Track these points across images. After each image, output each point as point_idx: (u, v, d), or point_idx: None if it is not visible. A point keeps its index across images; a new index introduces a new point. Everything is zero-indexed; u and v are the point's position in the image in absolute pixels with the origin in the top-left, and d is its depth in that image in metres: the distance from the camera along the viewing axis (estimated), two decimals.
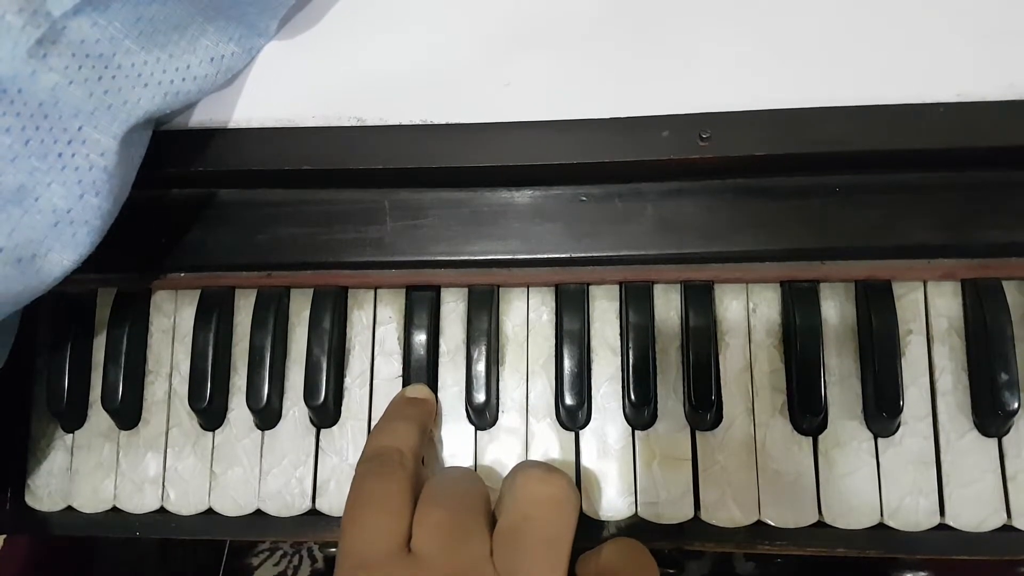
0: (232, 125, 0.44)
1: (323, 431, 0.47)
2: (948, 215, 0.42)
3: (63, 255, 0.38)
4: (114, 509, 0.49)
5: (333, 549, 0.83)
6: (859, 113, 0.41)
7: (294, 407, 0.47)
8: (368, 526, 0.37)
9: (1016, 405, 0.41)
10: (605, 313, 0.46)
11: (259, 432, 0.48)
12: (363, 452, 0.42)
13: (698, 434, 0.44)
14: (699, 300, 0.45)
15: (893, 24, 0.42)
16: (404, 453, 0.40)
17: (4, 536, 0.62)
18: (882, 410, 0.42)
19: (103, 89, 0.37)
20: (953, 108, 0.41)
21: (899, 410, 0.42)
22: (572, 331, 0.45)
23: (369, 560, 0.36)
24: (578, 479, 0.45)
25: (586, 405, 0.45)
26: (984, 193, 0.42)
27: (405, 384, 0.46)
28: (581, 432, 0.45)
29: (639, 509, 0.44)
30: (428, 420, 0.45)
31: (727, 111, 0.41)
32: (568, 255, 0.44)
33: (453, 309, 0.47)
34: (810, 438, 0.44)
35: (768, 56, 0.43)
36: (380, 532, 0.37)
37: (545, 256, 0.44)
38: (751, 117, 0.41)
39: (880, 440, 0.43)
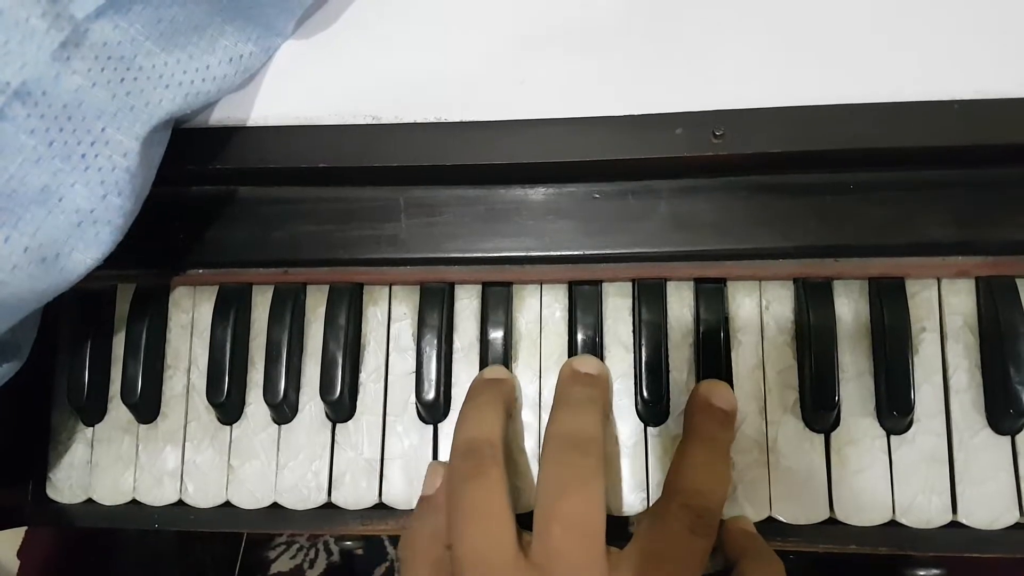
0: (250, 123, 0.45)
1: (339, 426, 0.48)
2: (963, 212, 0.42)
3: (86, 254, 0.38)
4: (133, 502, 0.49)
5: (349, 543, 0.83)
6: (873, 110, 0.41)
7: (310, 402, 0.48)
8: (480, 539, 0.39)
9: None
10: (618, 310, 0.46)
11: (276, 426, 0.48)
12: (455, 442, 0.43)
13: None
14: (712, 297, 0.45)
15: (908, 20, 0.42)
16: (494, 444, 0.41)
17: (26, 528, 0.63)
18: (894, 407, 0.42)
19: (125, 91, 0.38)
20: (969, 105, 0.40)
21: (911, 408, 0.42)
22: (585, 328, 0.45)
23: (490, 570, 0.38)
24: None
25: None
26: (999, 190, 0.42)
27: (419, 380, 0.46)
28: None
29: (651, 505, 0.44)
30: (510, 400, 0.45)
31: (740, 108, 0.41)
32: (581, 252, 0.44)
33: (467, 306, 0.48)
34: (822, 435, 0.44)
35: (781, 53, 0.43)
36: (493, 544, 0.39)
37: (559, 253, 0.44)
38: (764, 114, 0.41)
39: (893, 437, 0.43)
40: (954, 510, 0.42)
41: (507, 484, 0.41)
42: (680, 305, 0.46)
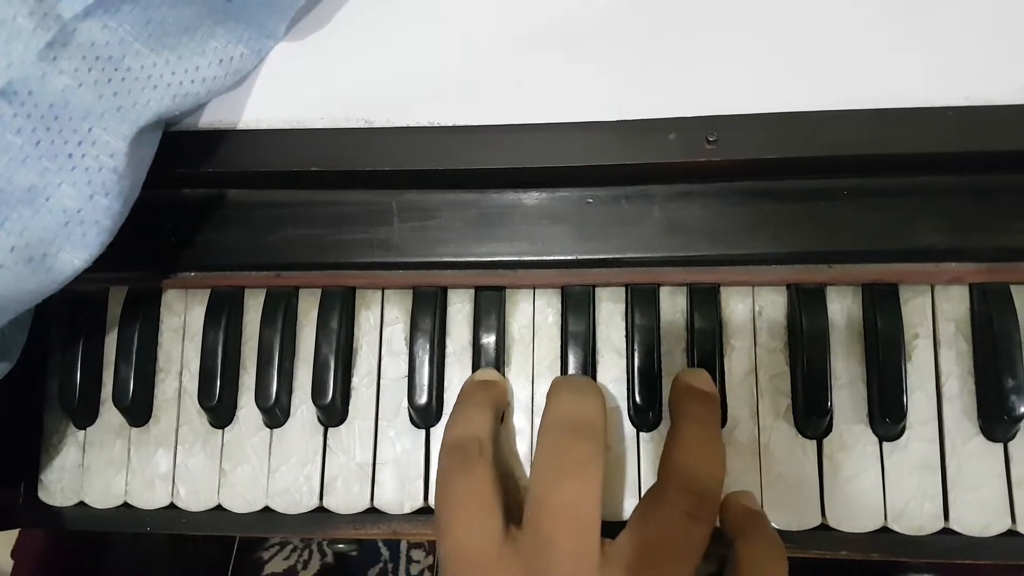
0: (241, 126, 0.45)
1: (331, 430, 0.48)
2: (956, 219, 0.42)
3: (73, 255, 0.38)
4: (125, 505, 0.49)
5: (342, 544, 0.83)
6: (867, 116, 0.41)
7: (302, 406, 0.48)
8: (463, 530, 0.38)
9: (1022, 410, 0.41)
10: (611, 316, 0.46)
11: (268, 430, 0.48)
12: (443, 441, 0.42)
13: None
14: (705, 303, 0.45)
15: (902, 27, 0.42)
16: (482, 441, 0.41)
17: (19, 530, 0.63)
18: (887, 414, 0.42)
19: (113, 91, 0.37)
20: (962, 111, 0.40)
21: (904, 414, 0.42)
22: (577, 333, 0.45)
23: (473, 562, 0.37)
24: None
25: None
26: (993, 197, 0.42)
27: (411, 384, 0.46)
28: None
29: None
30: (501, 402, 0.45)
31: (735, 114, 0.41)
32: (575, 257, 0.44)
33: (460, 310, 0.47)
34: (815, 441, 0.44)
35: (775, 59, 0.42)
36: (477, 533, 0.38)
37: (552, 258, 0.44)
38: (759, 120, 0.41)
39: (885, 444, 0.43)
40: (946, 517, 0.42)
41: (495, 480, 0.40)
42: (673, 310, 0.46)
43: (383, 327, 0.48)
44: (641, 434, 0.45)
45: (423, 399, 0.46)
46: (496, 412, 0.43)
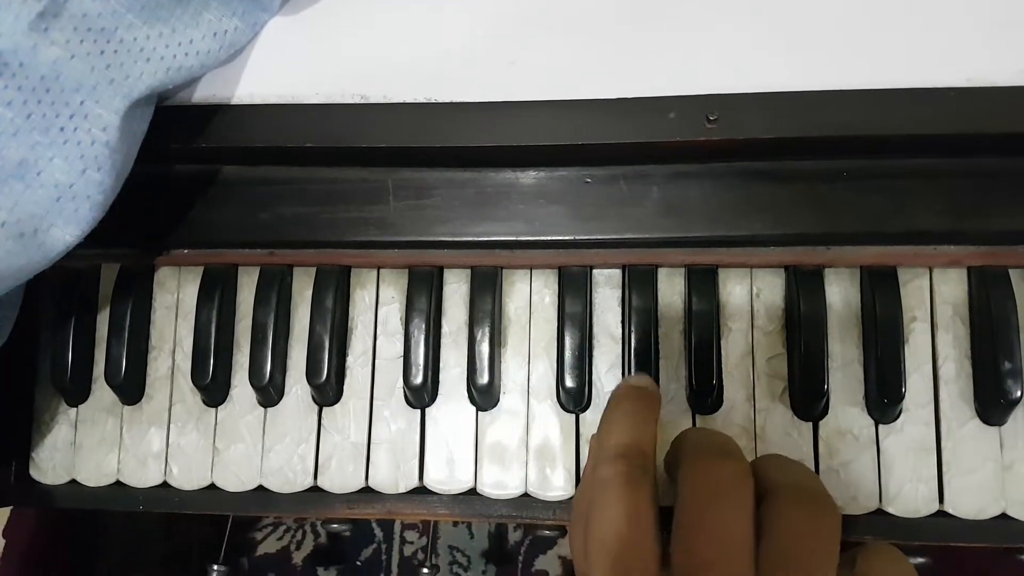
0: (235, 101, 0.44)
1: (325, 409, 0.47)
2: (956, 201, 0.42)
3: (65, 230, 0.38)
4: (117, 483, 0.49)
5: (336, 525, 0.83)
6: (868, 97, 0.40)
7: (296, 385, 0.48)
8: (627, 552, 0.34)
9: (1019, 394, 0.41)
10: (608, 298, 0.46)
11: (262, 409, 0.48)
12: (603, 448, 0.38)
13: (698, 418, 0.44)
14: (703, 284, 0.44)
15: (904, 7, 0.42)
16: (647, 455, 0.37)
17: (10, 508, 0.63)
18: (884, 396, 0.42)
19: (105, 63, 0.37)
20: (963, 93, 0.40)
21: (901, 396, 0.42)
22: (574, 314, 0.45)
23: None
24: (578, 462, 0.45)
25: (587, 388, 0.45)
26: (993, 180, 0.41)
27: (407, 365, 0.46)
28: (582, 415, 0.45)
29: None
30: (657, 413, 0.40)
31: (735, 93, 0.41)
32: (572, 237, 0.44)
33: (456, 290, 0.47)
34: (811, 424, 0.43)
35: (777, 38, 0.42)
36: (640, 558, 0.34)
37: (549, 238, 0.44)
38: (759, 99, 0.41)
39: (881, 426, 0.43)
40: (941, 500, 0.42)
41: (657, 501, 0.36)
42: (671, 292, 0.45)
43: (378, 307, 0.48)
44: None
45: (418, 379, 0.46)
46: (656, 425, 0.39)
